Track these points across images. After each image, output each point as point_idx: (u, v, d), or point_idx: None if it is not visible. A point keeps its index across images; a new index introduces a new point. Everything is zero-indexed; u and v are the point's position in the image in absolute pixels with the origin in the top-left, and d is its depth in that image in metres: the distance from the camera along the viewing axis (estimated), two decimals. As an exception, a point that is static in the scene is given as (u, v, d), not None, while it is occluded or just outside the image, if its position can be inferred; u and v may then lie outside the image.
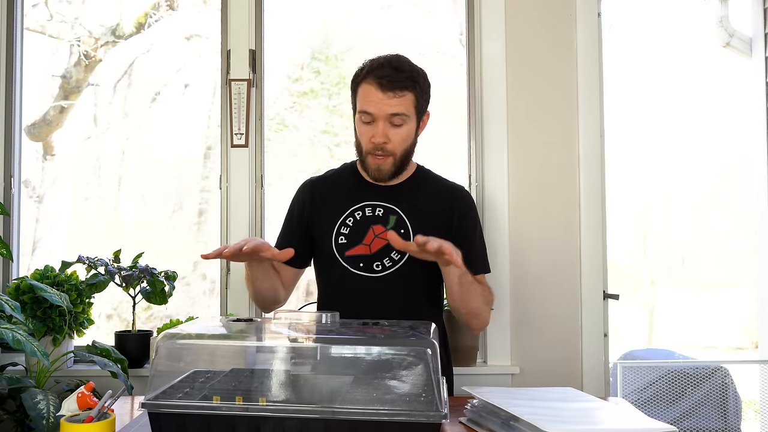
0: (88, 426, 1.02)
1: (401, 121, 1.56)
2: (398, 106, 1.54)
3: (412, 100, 1.56)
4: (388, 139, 1.56)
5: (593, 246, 2.23)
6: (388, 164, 1.59)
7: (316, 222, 1.70)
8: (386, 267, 1.62)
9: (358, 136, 1.61)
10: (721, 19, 3.01)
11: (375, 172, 1.61)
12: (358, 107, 1.58)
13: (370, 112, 1.55)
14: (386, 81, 1.53)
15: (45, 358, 1.64)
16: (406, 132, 1.58)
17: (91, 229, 2.54)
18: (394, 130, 1.56)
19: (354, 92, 1.62)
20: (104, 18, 2.55)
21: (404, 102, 1.55)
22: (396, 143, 1.57)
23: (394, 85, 1.53)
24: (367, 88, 1.55)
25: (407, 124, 1.57)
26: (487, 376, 2.17)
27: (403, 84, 1.54)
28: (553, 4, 2.27)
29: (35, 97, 2.49)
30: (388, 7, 2.55)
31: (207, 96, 2.49)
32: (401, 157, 1.61)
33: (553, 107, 2.26)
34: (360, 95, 1.58)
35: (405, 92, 1.54)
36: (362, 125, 1.58)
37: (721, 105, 4.34)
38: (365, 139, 1.58)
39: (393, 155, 1.58)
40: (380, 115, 1.54)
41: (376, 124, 1.55)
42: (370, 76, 1.55)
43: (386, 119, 1.55)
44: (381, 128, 1.55)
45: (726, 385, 2.92)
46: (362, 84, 1.57)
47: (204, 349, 1.17)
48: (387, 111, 1.53)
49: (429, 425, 1.01)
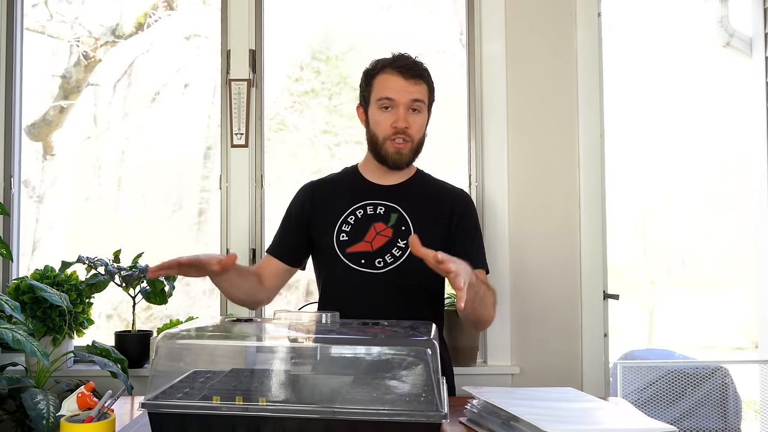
0: (88, 426, 1.02)
1: (420, 107, 1.63)
2: (418, 93, 1.62)
3: (427, 91, 1.65)
4: (409, 124, 1.62)
5: (593, 246, 2.23)
6: (408, 149, 1.64)
7: (316, 222, 1.71)
8: (388, 263, 1.62)
9: (374, 125, 1.65)
10: (721, 19, 3.01)
11: (395, 156, 1.64)
12: (377, 95, 1.63)
13: (392, 98, 1.61)
14: (406, 69, 1.61)
15: (45, 358, 1.64)
16: (423, 120, 1.66)
17: (91, 229, 2.54)
18: (414, 116, 1.63)
19: (369, 84, 1.66)
20: (104, 18, 2.55)
21: (422, 90, 1.63)
22: (415, 130, 1.63)
23: (414, 73, 1.62)
24: (387, 77, 1.62)
25: (423, 113, 1.65)
26: (487, 376, 2.17)
27: (421, 73, 1.63)
28: (553, 4, 2.27)
29: (35, 97, 2.49)
30: (388, 7, 2.55)
31: (207, 96, 2.49)
32: (417, 145, 1.66)
33: (553, 107, 2.26)
34: (378, 85, 1.64)
35: (421, 82, 1.63)
36: (380, 113, 1.63)
37: (721, 105, 4.34)
38: (385, 126, 1.63)
39: (412, 141, 1.64)
40: (402, 100, 1.61)
41: (396, 110, 1.61)
42: (389, 66, 1.63)
43: (407, 106, 1.61)
44: (402, 113, 1.61)
45: (726, 385, 2.92)
46: (380, 74, 1.64)
47: (204, 349, 1.17)
48: (409, 96, 1.61)
49: (429, 425, 1.01)
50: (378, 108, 1.63)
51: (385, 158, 1.65)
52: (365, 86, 1.67)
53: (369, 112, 1.66)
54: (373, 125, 1.65)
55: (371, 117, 1.65)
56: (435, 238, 1.65)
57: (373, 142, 1.66)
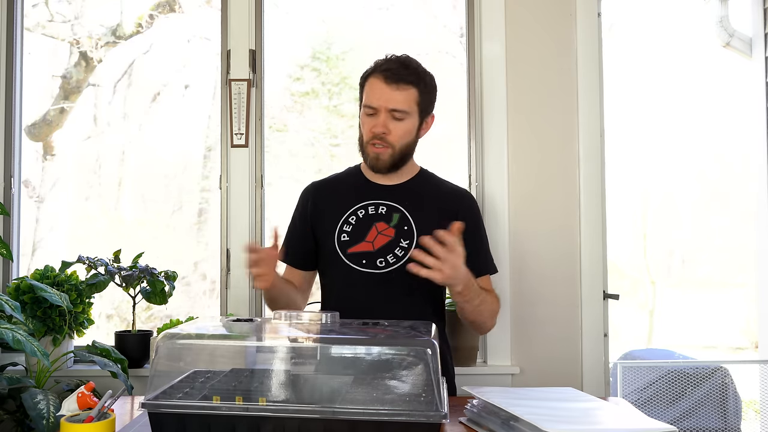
0: (88, 426, 1.02)
1: (402, 116, 1.61)
2: (400, 102, 1.60)
3: (415, 96, 1.62)
4: (388, 131, 1.62)
5: (593, 246, 2.23)
6: (387, 155, 1.64)
7: (319, 222, 1.71)
8: (390, 264, 1.62)
9: (362, 127, 1.67)
10: (721, 19, 3.01)
11: (373, 160, 1.65)
12: (364, 101, 1.65)
13: (373, 106, 1.61)
14: (391, 74, 1.60)
15: (45, 358, 1.64)
16: (407, 127, 1.64)
17: (91, 229, 2.54)
18: (395, 123, 1.62)
19: (362, 87, 1.68)
20: (104, 18, 2.55)
21: (407, 97, 1.61)
22: (396, 136, 1.63)
23: (398, 78, 1.60)
24: (373, 82, 1.63)
25: (408, 120, 1.63)
26: (487, 376, 2.17)
27: (407, 78, 1.61)
28: (553, 4, 2.27)
29: (35, 97, 2.49)
30: (388, 7, 2.55)
31: (207, 96, 2.49)
32: (400, 151, 1.65)
33: (553, 107, 2.26)
34: (366, 90, 1.65)
35: (408, 87, 1.61)
36: (366, 118, 1.65)
37: (721, 105, 4.34)
38: (366, 130, 1.65)
39: (392, 147, 1.63)
40: (382, 107, 1.61)
41: (378, 116, 1.61)
42: (377, 70, 1.63)
43: (388, 112, 1.61)
44: (382, 119, 1.61)
45: (726, 385, 2.92)
46: (369, 79, 1.65)
47: (204, 349, 1.17)
48: (388, 105, 1.60)
49: (429, 425, 1.01)
50: (364, 113, 1.66)
51: (366, 162, 1.68)
52: (360, 90, 1.70)
53: (360, 115, 1.70)
54: (362, 127, 1.68)
55: (361, 119, 1.69)
56: (437, 239, 1.66)
57: (360, 144, 1.69)
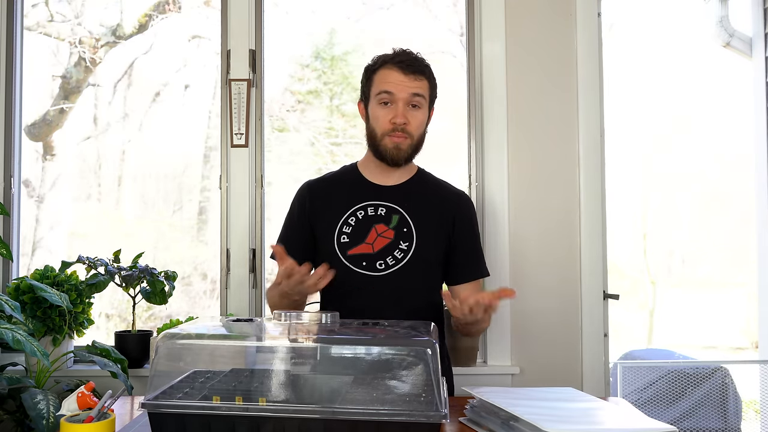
0: (88, 426, 1.02)
1: (420, 103, 1.62)
2: (418, 88, 1.61)
3: (427, 87, 1.64)
4: (407, 120, 1.61)
5: (593, 246, 2.23)
6: (406, 144, 1.63)
7: (317, 222, 1.69)
8: (389, 265, 1.62)
9: (373, 121, 1.65)
10: (721, 19, 3.02)
11: (393, 151, 1.62)
12: (377, 89, 1.63)
13: (392, 92, 1.60)
14: (407, 65, 1.61)
15: (45, 358, 1.64)
16: (423, 116, 1.65)
17: (91, 229, 2.54)
18: (413, 112, 1.62)
19: (369, 80, 1.66)
20: (104, 18, 2.55)
21: (423, 86, 1.62)
22: (414, 126, 1.62)
23: (415, 68, 1.61)
24: (388, 72, 1.62)
25: (423, 108, 1.64)
26: (487, 376, 2.17)
27: (422, 68, 1.62)
28: (553, 4, 2.27)
29: (35, 98, 2.49)
30: (389, 7, 2.55)
31: (207, 96, 2.49)
32: (416, 142, 1.65)
33: (553, 107, 2.26)
34: (378, 79, 1.63)
35: (423, 77, 1.62)
36: (380, 108, 1.62)
37: (721, 105, 4.35)
38: (384, 121, 1.62)
39: (411, 137, 1.63)
40: (401, 95, 1.60)
41: (396, 105, 1.60)
42: (390, 61, 1.63)
43: (406, 101, 1.60)
44: (401, 109, 1.60)
45: (726, 385, 2.92)
46: (381, 70, 1.63)
47: (204, 349, 1.17)
48: (409, 91, 1.60)
49: (429, 425, 1.01)
50: (377, 103, 1.62)
51: (384, 154, 1.64)
52: (366, 81, 1.67)
53: (369, 108, 1.66)
54: (373, 121, 1.64)
55: (371, 112, 1.65)
56: (436, 241, 1.65)
57: (372, 137, 1.65)
